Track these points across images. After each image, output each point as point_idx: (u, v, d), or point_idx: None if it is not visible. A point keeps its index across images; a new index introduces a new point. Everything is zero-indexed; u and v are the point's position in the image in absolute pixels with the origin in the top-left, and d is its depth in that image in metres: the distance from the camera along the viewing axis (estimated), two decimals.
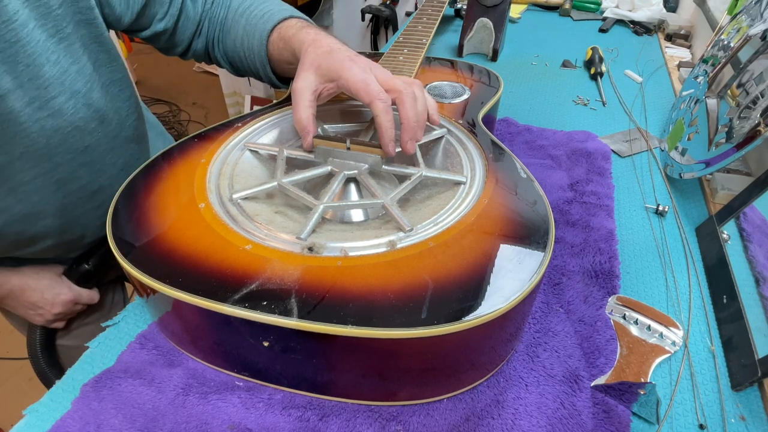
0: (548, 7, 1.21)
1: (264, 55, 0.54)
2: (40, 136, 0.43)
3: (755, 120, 0.48)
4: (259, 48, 0.54)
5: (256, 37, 0.54)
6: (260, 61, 0.55)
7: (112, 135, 0.51)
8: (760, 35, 0.55)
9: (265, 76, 0.57)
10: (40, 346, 0.57)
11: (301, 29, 0.51)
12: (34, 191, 0.46)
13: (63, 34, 0.42)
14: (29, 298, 0.55)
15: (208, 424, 0.36)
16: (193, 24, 0.55)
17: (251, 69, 0.58)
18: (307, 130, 0.45)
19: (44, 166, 0.45)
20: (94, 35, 0.45)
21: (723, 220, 0.51)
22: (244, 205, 0.41)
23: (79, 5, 0.43)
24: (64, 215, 0.50)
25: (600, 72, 0.87)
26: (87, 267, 0.57)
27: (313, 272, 0.34)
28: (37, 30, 0.40)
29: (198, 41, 0.57)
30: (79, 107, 0.45)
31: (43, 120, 0.42)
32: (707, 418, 0.38)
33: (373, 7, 1.91)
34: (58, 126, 0.44)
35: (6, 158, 0.42)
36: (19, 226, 0.47)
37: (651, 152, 0.68)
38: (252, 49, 0.55)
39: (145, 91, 2.63)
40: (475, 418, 0.37)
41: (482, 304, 0.31)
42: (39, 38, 0.40)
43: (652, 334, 0.43)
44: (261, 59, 0.55)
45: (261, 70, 0.57)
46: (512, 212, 0.39)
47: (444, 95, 0.58)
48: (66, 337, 0.62)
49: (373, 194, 0.42)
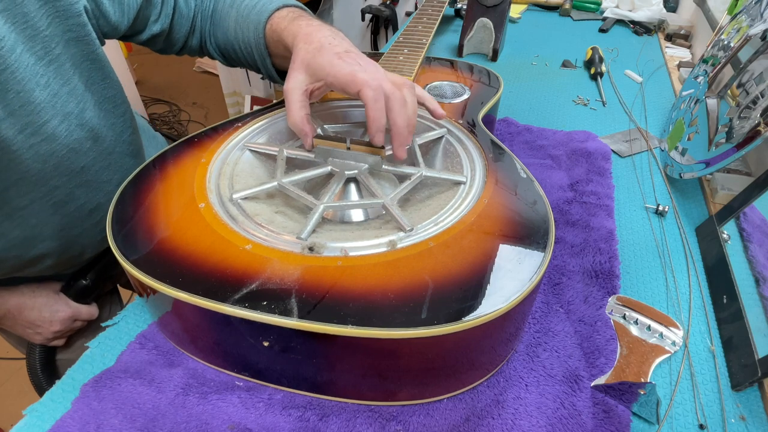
0: (548, 7, 1.21)
1: (263, 49, 0.52)
2: (35, 162, 0.42)
3: (755, 120, 0.48)
4: (256, 42, 0.52)
5: (251, 30, 0.52)
6: (259, 56, 0.53)
7: (107, 152, 0.50)
8: (760, 35, 0.55)
9: (264, 69, 0.55)
10: (40, 364, 0.56)
11: (292, 21, 0.49)
12: (32, 215, 0.45)
13: (52, 56, 0.41)
14: (27, 317, 0.53)
15: (208, 424, 0.36)
16: (187, 21, 0.54)
17: (248, 62, 0.56)
18: (304, 132, 0.44)
19: (41, 191, 0.44)
20: (85, 53, 0.44)
21: (723, 220, 0.51)
22: (244, 205, 0.41)
23: (68, 23, 0.41)
24: (62, 236, 0.49)
25: (600, 72, 0.87)
26: (85, 282, 0.56)
27: (313, 272, 0.34)
28: (26, 54, 0.39)
29: (193, 38, 0.56)
30: (73, 129, 0.44)
31: (37, 146, 0.41)
32: (707, 418, 0.38)
33: (373, 7, 1.91)
34: (53, 150, 0.43)
35: (1, 185, 0.41)
36: (18, 250, 0.46)
37: (651, 152, 0.68)
38: (248, 42, 0.53)
39: (145, 91, 2.62)
40: (475, 418, 0.37)
41: (482, 304, 0.31)
42: (28, 62, 0.39)
43: (652, 334, 0.43)
44: (260, 53, 0.53)
45: (260, 64, 0.55)
46: (512, 212, 0.39)
47: (444, 95, 0.58)
48: (66, 351, 0.60)
49: (374, 194, 0.42)
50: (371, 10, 1.91)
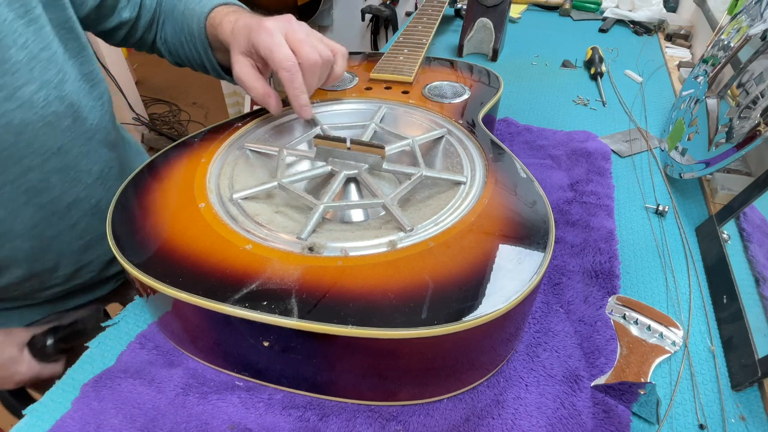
0: (548, 7, 1.21)
1: (205, 39, 0.53)
2: (7, 132, 0.39)
3: (755, 120, 0.48)
4: (198, 33, 0.53)
5: (195, 21, 0.53)
6: (202, 47, 0.54)
7: (87, 136, 0.47)
8: (760, 35, 0.55)
9: (208, 63, 0.56)
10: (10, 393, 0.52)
11: (225, 16, 0.50)
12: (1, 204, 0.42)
13: (32, 15, 0.38)
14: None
15: (208, 424, 0.36)
16: (149, 12, 0.54)
17: (192, 56, 0.56)
18: (268, 94, 0.46)
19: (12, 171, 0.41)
20: (62, 20, 0.42)
21: (723, 220, 0.51)
22: (245, 205, 0.41)
23: None
24: (35, 235, 0.45)
25: (600, 72, 0.87)
26: (50, 344, 0.50)
27: (313, 272, 0.34)
28: (4, 7, 0.36)
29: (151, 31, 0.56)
30: (52, 100, 0.41)
31: (11, 113, 0.38)
32: (707, 418, 0.38)
33: (373, 7, 1.91)
34: (28, 120, 0.40)
35: None
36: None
37: (651, 152, 0.68)
38: (192, 33, 0.53)
39: (145, 91, 2.62)
40: (475, 418, 0.37)
41: (482, 304, 0.31)
42: (6, 17, 0.36)
43: (652, 334, 0.43)
44: (203, 45, 0.54)
45: (204, 57, 0.55)
46: (512, 212, 0.39)
47: (444, 95, 0.58)
48: None
49: (374, 194, 0.42)
50: (371, 10, 1.91)
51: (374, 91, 0.59)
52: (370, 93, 0.58)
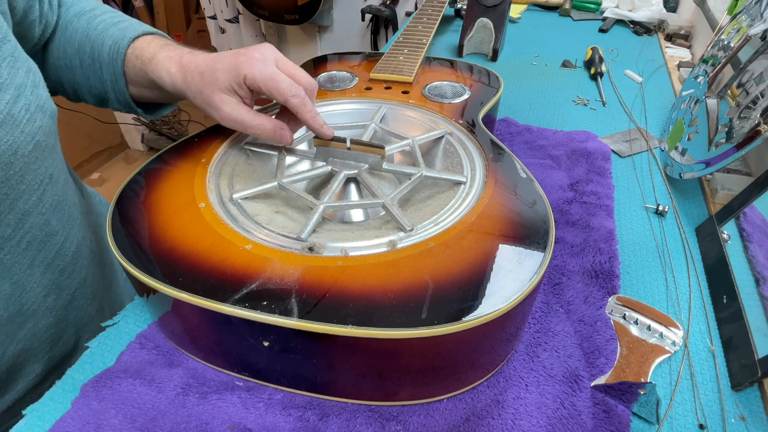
0: (548, 7, 1.21)
1: (119, 69, 0.45)
2: None
3: (755, 120, 0.48)
4: (111, 60, 0.44)
5: (105, 46, 0.44)
6: (111, 76, 0.45)
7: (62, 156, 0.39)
8: (760, 35, 0.55)
9: (114, 92, 0.46)
10: None
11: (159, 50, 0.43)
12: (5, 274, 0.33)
13: None
14: None
15: (208, 424, 0.36)
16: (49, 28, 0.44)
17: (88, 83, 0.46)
18: (280, 126, 0.43)
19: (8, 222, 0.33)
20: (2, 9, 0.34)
21: (723, 220, 0.51)
22: (245, 205, 0.41)
23: None
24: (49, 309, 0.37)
25: (600, 72, 0.87)
26: None
27: (313, 272, 0.34)
28: None
29: None
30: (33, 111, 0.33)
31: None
32: (707, 418, 0.38)
33: (373, 7, 1.90)
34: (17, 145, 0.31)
35: None
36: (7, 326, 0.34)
37: (651, 152, 0.68)
38: (97, 59, 0.44)
39: None
40: (475, 418, 0.37)
41: (482, 304, 0.31)
42: None
43: (652, 334, 0.43)
44: (112, 73, 0.45)
45: (110, 86, 0.46)
46: (512, 212, 0.39)
47: (444, 95, 0.58)
48: None
49: (374, 194, 0.42)
50: (371, 10, 1.91)
51: (374, 91, 0.59)
52: (370, 93, 0.58)
